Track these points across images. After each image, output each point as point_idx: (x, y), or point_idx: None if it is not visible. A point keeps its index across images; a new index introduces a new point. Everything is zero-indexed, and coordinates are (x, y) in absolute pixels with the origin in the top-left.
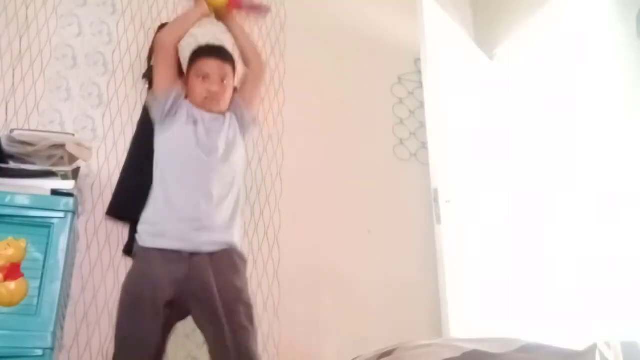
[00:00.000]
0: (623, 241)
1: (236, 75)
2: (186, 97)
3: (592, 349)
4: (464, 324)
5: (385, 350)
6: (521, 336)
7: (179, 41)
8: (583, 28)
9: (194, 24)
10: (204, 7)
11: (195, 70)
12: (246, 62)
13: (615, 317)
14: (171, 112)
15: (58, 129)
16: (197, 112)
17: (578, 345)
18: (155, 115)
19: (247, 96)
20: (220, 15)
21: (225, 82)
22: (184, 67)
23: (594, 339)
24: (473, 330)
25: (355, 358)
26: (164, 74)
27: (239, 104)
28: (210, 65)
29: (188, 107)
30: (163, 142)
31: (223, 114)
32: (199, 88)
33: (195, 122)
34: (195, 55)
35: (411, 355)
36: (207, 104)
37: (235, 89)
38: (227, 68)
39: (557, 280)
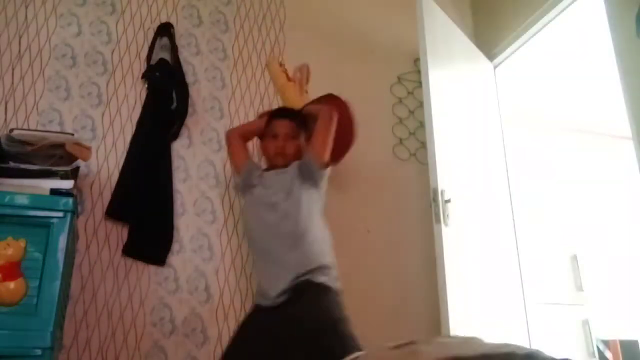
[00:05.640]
0: (623, 240)
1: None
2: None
3: None
4: (464, 324)
5: (401, 343)
6: (517, 342)
7: (243, 138)
8: (583, 28)
9: (261, 129)
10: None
11: (268, 132)
12: (315, 121)
13: (615, 317)
14: (243, 190)
15: (57, 129)
16: (258, 176)
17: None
18: (240, 194)
19: (312, 144)
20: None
21: (290, 138)
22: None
23: (594, 338)
24: (472, 331)
25: (355, 357)
26: (231, 160)
27: (307, 153)
28: (278, 124)
29: (254, 178)
30: (244, 215)
31: (287, 166)
32: (270, 146)
33: (254, 186)
34: (269, 119)
35: (432, 346)
36: (276, 158)
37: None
38: (292, 126)
39: (555, 279)
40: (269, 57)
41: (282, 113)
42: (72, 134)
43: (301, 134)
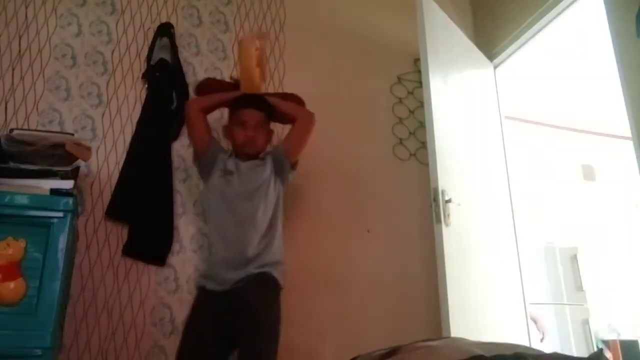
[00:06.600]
0: (623, 240)
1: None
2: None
3: (598, 355)
4: (464, 324)
5: (387, 350)
6: (518, 341)
7: (204, 111)
8: (583, 28)
9: (225, 104)
10: (239, 92)
11: (235, 119)
12: (292, 121)
13: (615, 317)
14: (209, 168)
15: (57, 129)
16: (233, 163)
17: (579, 349)
18: (199, 172)
19: (288, 143)
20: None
21: (260, 127)
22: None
23: (594, 338)
24: (472, 330)
25: (355, 357)
26: (194, 134)
27: (281, 150)
28: (247, 113)
29: (223, 161)
30: (205, 196)
31: (263, 159)
32: (238, 134)
33: (230, 173)
34: (235, 106)
35: (417, 356)
36: (246, 147)
37: (270, 132)
38: (261, 115)
39: (555, 279)
40: (247, 35)
41: (252, 102)
42: (72, 134)
43: (268, 123)
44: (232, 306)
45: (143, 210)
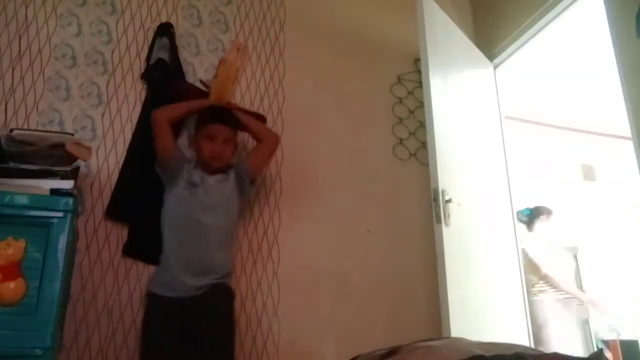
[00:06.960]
0: (623, 240)
1: (238, 135)
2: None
3: (598, 355)
4: (464, 324)
5: (387, 349)
6: (518, 341)
7: (170, 122)
8: (583, 28)
9: (192, 113)
10: (207, 102)
11: (203, 132)
12: (258, 141)
13: (615, 316)
14: (172, 177)
15: (57, 129)
16: (199, 175)
17: (580, 349)
18: (162, 179)
19: (253, 162)
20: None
21: (228, 142)
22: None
23: (594, 338)
24: (472, 330)
25: (355, 357)
26: (159, 145)
27: (244, 167)
28: (216, 128)
29: (189, 172)
30: (166, 204)
31: (227, 173)
32: (206, 148)
33: (195, 186)
34: (204, 119)
35: (417, 356)
36: (213, 161)
37: (236, 145)
38: (230, 131)
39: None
40: (230, 53)
41: (223, 118)
42: (72, 134)
43: (236, 137)
44: (195, 312)
45: (143, 210)
